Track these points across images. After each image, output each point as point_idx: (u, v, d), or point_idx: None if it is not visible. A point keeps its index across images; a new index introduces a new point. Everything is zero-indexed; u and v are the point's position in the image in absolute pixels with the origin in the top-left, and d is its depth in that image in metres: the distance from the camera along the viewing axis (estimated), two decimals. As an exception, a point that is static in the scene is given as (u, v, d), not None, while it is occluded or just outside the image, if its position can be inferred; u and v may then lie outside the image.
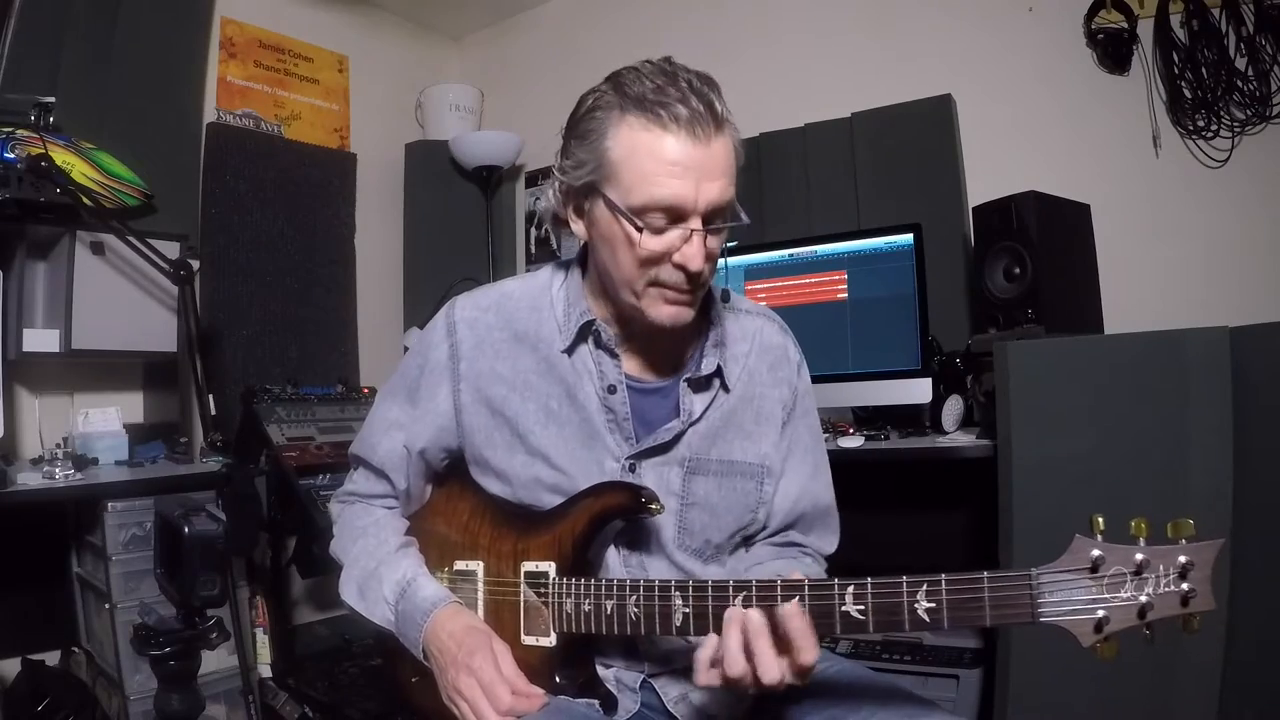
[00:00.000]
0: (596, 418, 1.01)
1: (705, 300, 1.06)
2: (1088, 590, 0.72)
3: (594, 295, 1.03)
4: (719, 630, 0.84)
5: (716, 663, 0.82)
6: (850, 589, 0.80)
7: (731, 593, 0.86)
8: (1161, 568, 0.70)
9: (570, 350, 1.02)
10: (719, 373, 1.03)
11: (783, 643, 0.80)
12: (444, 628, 0.98)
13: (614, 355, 1.01)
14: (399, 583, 1.02)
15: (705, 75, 0.92)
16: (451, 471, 1.12)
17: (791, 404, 1.10)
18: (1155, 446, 1.46)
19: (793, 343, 1.13)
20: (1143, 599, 0.71)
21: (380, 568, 1.05)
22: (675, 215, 0.90)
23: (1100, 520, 0.73)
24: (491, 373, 1.03)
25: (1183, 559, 0.70)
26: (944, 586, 0.76)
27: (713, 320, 1.06)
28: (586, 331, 1.01)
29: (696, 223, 0.90)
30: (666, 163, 0.88)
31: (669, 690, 1.01)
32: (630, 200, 0.89)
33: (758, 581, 0.86)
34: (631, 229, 0.90)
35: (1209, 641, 1.39)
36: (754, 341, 1.08)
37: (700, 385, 1.03)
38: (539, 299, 1.05)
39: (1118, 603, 0.72)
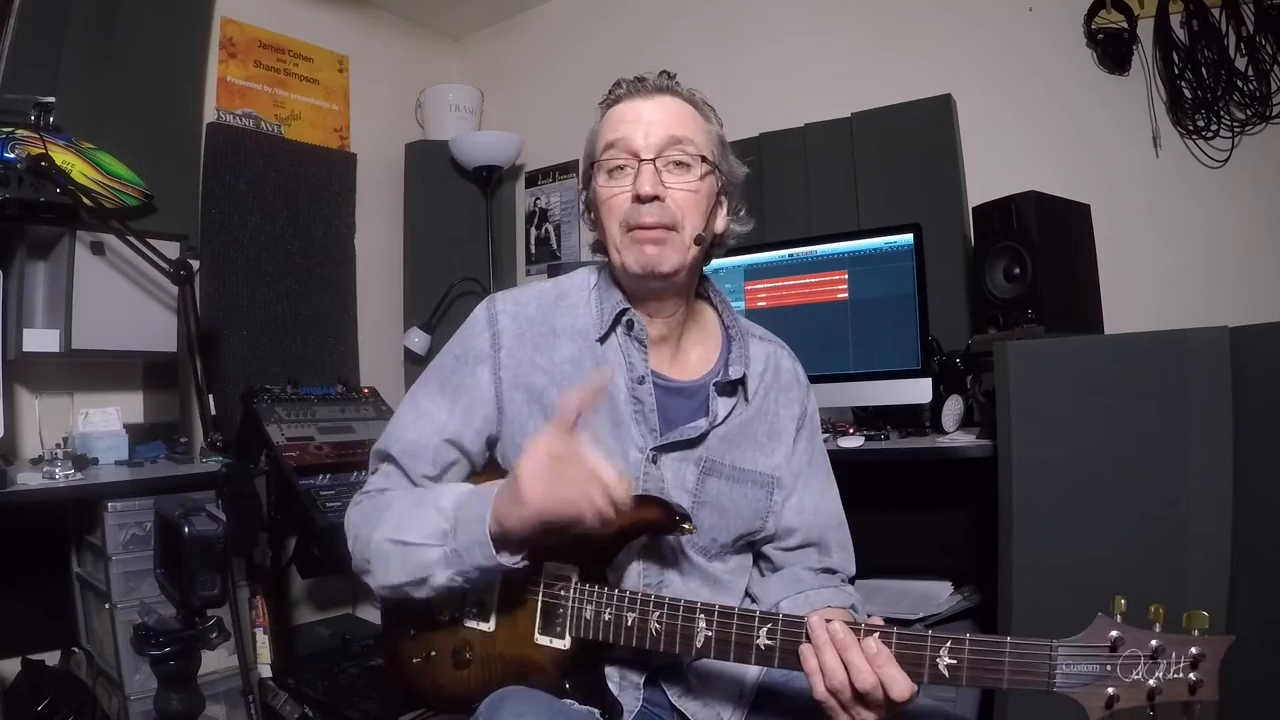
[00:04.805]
0: (624, 408, 1.04)
1: (721, 313, 1.13)
2: (1103, 668, 0.74)
3: (617, 285, 1.08)
4: (740, 658, 0.87)
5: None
6: (875, 637, 0.82)
7: (757, 624, 0.86)
8: (1174, 655, 0.73)
9: (604, 339, 1.06)
10: (742, 381, 1.09)
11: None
12: (503, 494, 0.91)
13: (643, 347, 1.05)
14: (455, 496, 0.96)
15: (666, 72, 1.06)
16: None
17: (802, 419, 1.16)
18: (1155, 446, 1.46)
19: (801, 368, 1.20)
20: (1152, 683, 0.73)
21: (415, 507, 0.98)
22: (630, 155, 1.00)
23: (1122, 602, 0.75)
24: (531, 363, 1.05)
25: (1195, 650, 0.72)
26: (967, 646, 0.79)
27: (732, 336, 1.13)
28: (619, 319, 1.06)
29: (648, 156, 1.00)
30: (617, 119, 1.03)
31: (673, 685, 1.02)
32: (595, 157, 1.05)
33: (784, 616, 0.86)
34: (597, 176, 1.03)
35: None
36: (769, 363, 1.15)
37: (726, 390, 1.08)
38: (576, 296, 1.11)
39: (1129, 682, 0.74)
